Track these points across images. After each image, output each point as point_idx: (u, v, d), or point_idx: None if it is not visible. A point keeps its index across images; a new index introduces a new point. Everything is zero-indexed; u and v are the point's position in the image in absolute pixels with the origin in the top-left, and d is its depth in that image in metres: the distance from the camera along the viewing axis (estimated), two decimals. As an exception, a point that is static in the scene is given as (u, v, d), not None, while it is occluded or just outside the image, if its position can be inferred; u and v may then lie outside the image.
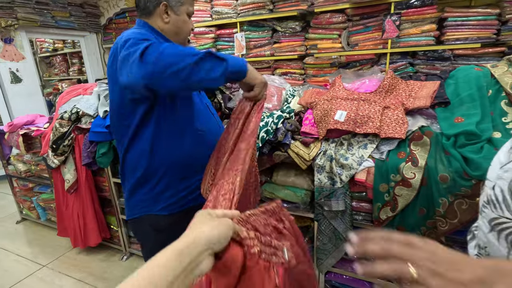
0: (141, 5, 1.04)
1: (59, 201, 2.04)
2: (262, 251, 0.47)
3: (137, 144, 1.00)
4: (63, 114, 1.87)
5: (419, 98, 1.21)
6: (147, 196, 1.04)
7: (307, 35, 2.77)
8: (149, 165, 1.01)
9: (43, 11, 3.49)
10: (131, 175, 1.04)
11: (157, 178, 1.02)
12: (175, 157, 1.02)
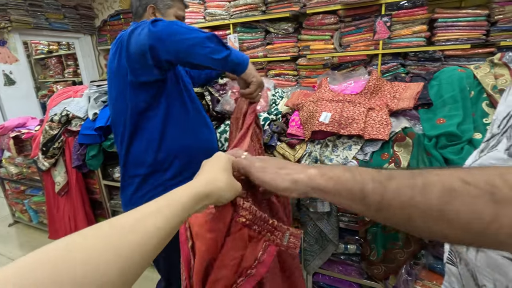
0: (133, 9, 1.11)
1: (50, 204, 2.04)
2: (254, 224, 0.48)
3: (145, 133, 1.03)
4: (53, 116, 1.87)
5: (403, 99, 1.21)
6: (156, 184, 1.06)
7: (299, 36, 2.78)
8: (158, 154, 1.04)
9: (36, 13, 3.49)
10: (140, 167, 1.05)
11: (166, 165, 1.05)
12: (184, 141, 1.06)
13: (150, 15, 1.07)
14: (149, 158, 1.05)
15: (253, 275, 0.47)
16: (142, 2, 1.08)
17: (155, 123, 1.02)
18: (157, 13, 1.08)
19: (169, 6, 1.08)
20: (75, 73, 4.78)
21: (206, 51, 0.81)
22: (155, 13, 1.08)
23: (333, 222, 1.26)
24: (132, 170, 1.08)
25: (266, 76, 3.05)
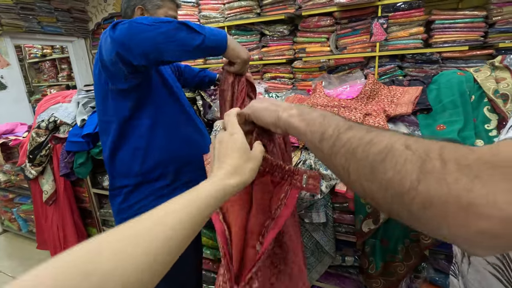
0: (122, 11, 1.07)
1: (38, 213, 1.97)
2: (274, 171, 0.53)
3: (130, 142, 0.98)
4: (40, 123, 1.80)
5: (401, 104, 1.16)
6: (147, 192, 1.01)
7: (295, 39, 2.73)
8: (144, 163, 0.98)
9: (28, 16, 3.43)
10: (126, 177, 1.01)
11: (155, 174, 1.00)
12: (174, 149, 1.02)
13: (138, 16, 1.01)
14: (136, 168, 1.00)
15: (279, 216, 0.51)
16: (130, 3, 1.04)
17: (140, 131, 0.97)
18: (146, 14, 1.03)
19: (158, 6, 1.03)
20: (69, 77, 4.72)
21: (176, 44, 0.74)
22: (143, 14, 1.03)
23: (329, 233, 1.21)
24: (119, 181, 1.03)
25: (261, 79, 3.00)
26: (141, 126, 0.97)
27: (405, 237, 1.07)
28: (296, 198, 0.53)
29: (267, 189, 0.54)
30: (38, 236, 2.04)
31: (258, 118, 0.50)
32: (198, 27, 0.77)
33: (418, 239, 1.03)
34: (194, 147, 1.09)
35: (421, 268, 1.09)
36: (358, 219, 1.12)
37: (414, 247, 1.06)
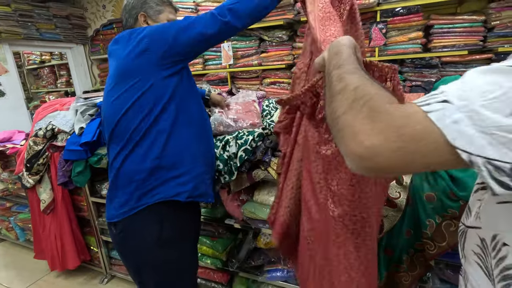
0: (124, 22, 1.13)
1: (36, 222, 1.94)
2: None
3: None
4: (37, 131, 1.78)
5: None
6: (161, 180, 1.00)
7: (294, 44, 2.73)
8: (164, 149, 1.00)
9: (27, 23, 3.43)
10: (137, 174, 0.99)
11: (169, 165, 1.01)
12: (190, 143, 1.05)
13: (142, 23, 1.09)
14: (147, 165, 0.99)
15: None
16: (131, 12, 1.09)
17: (168, 116, 0.99)
18: (148, 21, 1.09)
19: (159, 11, 1.09)
20: (68, 83, 4.71)
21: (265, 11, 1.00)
22: (147, 21, 1.09)
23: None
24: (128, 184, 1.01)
25: (261, 84, 3.00)
26: (170, 112, 0.99)
27: (409, 246, 1.05)
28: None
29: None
30: (36, 245, 2.01)
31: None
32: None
33: (423, 249, 1.01)
34: (206, 144, 1.13)
35: (426, 278, 1.06)
36: (361, 228, 1.10)
37: (419, 257, 1.04)
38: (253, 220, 1.35)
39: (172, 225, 1.02)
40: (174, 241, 1.03)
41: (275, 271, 1.40)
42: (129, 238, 1.03)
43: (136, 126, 0.97)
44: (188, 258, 1.12)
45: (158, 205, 0.99)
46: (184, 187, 1.01)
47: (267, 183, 1.36)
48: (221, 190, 1.41)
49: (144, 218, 1.00)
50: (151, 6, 1.08)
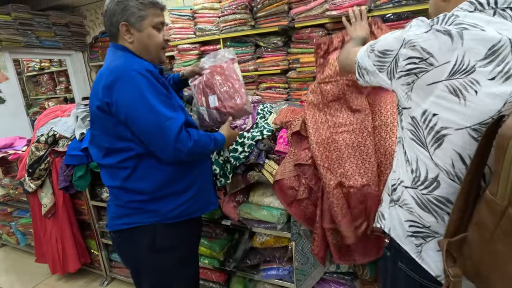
0: (107, 30, 1.04)
1: (37, 227, 1.98)
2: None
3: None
4: (39, 137, 1.83)
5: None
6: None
7: (289, 50, 2.80)
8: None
9: (27, 31, 3.49)
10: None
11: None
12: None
13: (124, 34, 0.98)
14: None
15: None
16: (112, 20, 0.98)
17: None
18: (131, 30, 0.97)
19: (142, 17, 0.97)
20: (67, 90, 4.76)
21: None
22: (129, 30, 0.97)
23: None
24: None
25: (257, 89, 3.06)
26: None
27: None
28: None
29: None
30: (37, 249, 2.04)
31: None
32: (217, 144, 1.05)
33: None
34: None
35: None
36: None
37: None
38: (248, 221, 1.40)
39: (167, 234, 1.02)
40: (170, 247, 1.04)
41: (270, 269, 1.44)
42: (125, 245, 1.06)
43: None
44: (187, 262, 1.11)
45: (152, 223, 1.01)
46: (181, 207, 1.02)
47: (262, 184, 1.41)
48: (218, 192, 1.46)
49: (139, 231, 1.00)
50: (132, 13, 0.95)
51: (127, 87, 0.88)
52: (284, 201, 1.24)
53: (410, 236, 0.69)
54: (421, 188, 0.64)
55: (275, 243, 1.42)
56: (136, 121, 0.90)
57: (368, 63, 0.71)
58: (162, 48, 1.04)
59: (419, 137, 0.63)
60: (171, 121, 0.89)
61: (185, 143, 0.91)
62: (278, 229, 1.33)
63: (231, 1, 2.85)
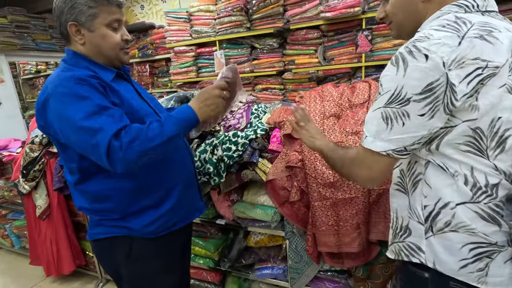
0: (58, 31, 0.93)
1: (31, 228, 1.97)
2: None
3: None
4: (34, 138, 1.83)
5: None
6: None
7: (284, 51, 2.82)
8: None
9: (23, 34, 3.50)
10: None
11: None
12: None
13: (74, 35, 0.88)
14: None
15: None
16: (61, 19, 0.87)
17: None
18: (82, 30, 0.87)
19: (93, 15, 0.86)
20: (64, 92, 4.75)
21: (163, 148, 0.83)
22: (80, 31, 0.87)
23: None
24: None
25: (253, 90, 3.08)
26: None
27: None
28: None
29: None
30: (31, 251, 2.03)
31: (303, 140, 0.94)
32: (171, 128, 0.83)
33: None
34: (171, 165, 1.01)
35: (406, 269, 1.12)
36: (344, 224, 1.16)
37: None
38: (243, 220, 1.40)
39: (146, 247, 0.96)
40: (149, 256, 0.97)
41: (265, 268, 1.44)
42: (102, 254, 1.02)
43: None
44: (170, 269, 1.04)
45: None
46: (158, 221, 0.95)
47: (256, 183, 1.41)
48: (212, 191, 1.46)
49: (116, 241, 0.95)
50: (81, 11, 0.84)
51: (55, 107, 0.80)
52: (276, 201, 1.25)
53: (470, 264, 0.60)
54: (483, 197, 0.58)
55: (269, 242, 1.42)
56: (70, 142, 0.82)
57: (410, 125, 0.58)
58: (121, 48, 0.93)
59: (479, 146, 0.58)
60: (99, 134, 0.76)
61: (117, 153, 0.76)
62: (272, 228, 1.33)
63: (227, 3, 2.88)
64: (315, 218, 1.12)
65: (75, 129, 0.78)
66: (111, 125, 0.78)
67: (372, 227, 1.09)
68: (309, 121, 0.95)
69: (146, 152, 0.79)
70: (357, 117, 1.19)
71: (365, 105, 1.23)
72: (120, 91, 0.90)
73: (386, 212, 1.04)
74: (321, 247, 1.15)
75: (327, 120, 1.23)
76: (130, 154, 0.77)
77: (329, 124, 1.21)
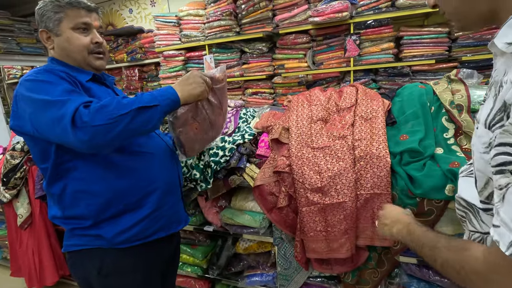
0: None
1: (12, 239, 1.90)
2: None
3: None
4: (15, 144, 1.77)
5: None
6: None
7: (274, 56, 2.83)
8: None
9: (7, 38, 3.41)
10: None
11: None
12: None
13: (45, 41, 0.91)
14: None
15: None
16: (38, 29, 0.91)
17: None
18: (52, 36, 0.90)
19: (59, 20, 0.88)
20: (50, 97, 4.65)
21: (141, 127, 0.78)
22: (50, 38, 0.90)
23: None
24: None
25: (243, 94, 3.07)
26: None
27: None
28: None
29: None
30: (12, 262, 1.95)
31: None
32: (149, 101, 0.78)
33: (389, 246, 1.06)
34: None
35: (394, 274, 1.11)
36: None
37: (386, 253, 1.09)
38: (231, 226, 1.38)
39: (118, 259, 0.91)
40: (122, 272, 0.92)
41: (254, 276, 1.42)
42: (74, 267, 0.96)
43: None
44: (148, 284, 0.97)
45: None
46: (133, 230, 0.90)
47: (244, 189, 1.39)
48: (199, 198, 1.44)
49: (86, 254, 0.90)
50: (49, 17, 0.87)
51: (24, 96, 0.79)
52: (264, 207, 1.23)
53: None
54: None
55: (258, 248, 1.40)
56: (40, 128, 0.78)
57: None
58: (91, 52, 0.92)
59: None
60: (68, 104, 0.73)
61: (84, 117, 0.71)
62: (260, 234, 1.31)
63: (216, 8, 2.87)
64: (303, 224, 1.11)
65: (44, 105, 0.75)
66: (80, 97, 0.77)
67: (360, 232, 1.08)
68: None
69: (117, 120, 0.72)
70: (344, 121, 1.18)
71: (352, 109, 1.23)
72: (93, 89, 0.89)
73: (373, 217, 1.03)
74: (309, 254, 1.14)
75: (314, 124, 1.23)
76: (98, 120, 0.71)
77: (317, 128, 1.20)
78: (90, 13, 0.91)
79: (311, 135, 1.19)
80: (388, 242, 1.02)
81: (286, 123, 1.29)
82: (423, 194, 0.93)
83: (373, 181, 1.02)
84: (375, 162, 1.03)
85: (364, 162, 1.05)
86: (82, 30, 0.90)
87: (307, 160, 1.12)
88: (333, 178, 1.06)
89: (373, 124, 1.14)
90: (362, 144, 1.09)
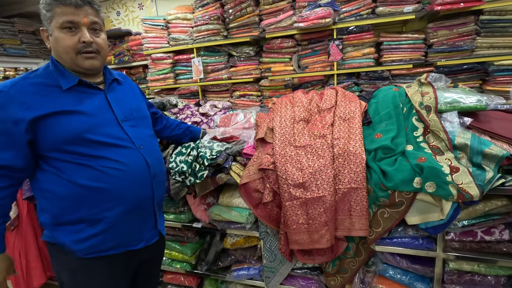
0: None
1: (-2, 240, 1.88)
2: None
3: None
4: (2, 146, 1.77)
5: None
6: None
7: (261, 59, 2.91)
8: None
9: (-10, 39, 3.36)
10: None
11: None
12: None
13: (46, 41, 0.91)
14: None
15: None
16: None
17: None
18: (49, 35, 0.90)
19: (50, 19, 0.85)
20: (35, 99, 4.57)
21: None
22: (48, 36, 0.90)
23: (290, 237, 1.30)
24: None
25: (231, 97, 3.13)
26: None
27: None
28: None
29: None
30: (-2, 265, 1.93)
31: None
32: None
33: (365, 236, 1.15)
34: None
35: (371, 263, 1.20)
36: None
37: (363, 243, 1.18)
38: (219, 222, 1.44)
39: (74, 262, 0.90)
40: (78, 276, 0.91)
41: (241, 269, 1.48)
42: (51, 257, 0.99)
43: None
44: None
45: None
46: (90, 241, 0.88)
47: (231, 186, 1.45)
48: (188, 195, 1.49)
49: (56, 247, 0.93)
50: (44, 15, 0.86)
51: None
52: (250, 203, 1.29)
53: None
54: None
55: (245, 243, 1.46)
56: None
57: None
58: (78, 52, 0.88)
59: None
60: None
61: None
62: (247, 229, 1.37)
63: (204, 12, 2.94)
64: (287, 218, 1.18)
65: None
66: None
67: (339, 224, 1.16)
68: None
69: None
70: (325, 121, 1.27)
71: (332, 110, 1.31)
72: (72, 98, 0.88)
73: (351, 210, 1.12)
74: (292, 245, 1.21)
75: (297, 124, 1.30)
76: None
77: (299, 128, 1.28)
78: (79, 9, 0.85)
79: (294, 134, 1.26)
80: (363, 232, 1.11)
81: (271, 123, 1.36)
82: (394, 186, 1.02)
83: (350, 176, 1.11)
84: (352, 159, 1.12)
85: (342, 159, 1.14)
86: (69, 29, 0.85)
87: (290, 157, 1.20)
88: (314, 174, 1.14)
89: (351, 124, 1.23)
90: (341, 143, 1.17)
